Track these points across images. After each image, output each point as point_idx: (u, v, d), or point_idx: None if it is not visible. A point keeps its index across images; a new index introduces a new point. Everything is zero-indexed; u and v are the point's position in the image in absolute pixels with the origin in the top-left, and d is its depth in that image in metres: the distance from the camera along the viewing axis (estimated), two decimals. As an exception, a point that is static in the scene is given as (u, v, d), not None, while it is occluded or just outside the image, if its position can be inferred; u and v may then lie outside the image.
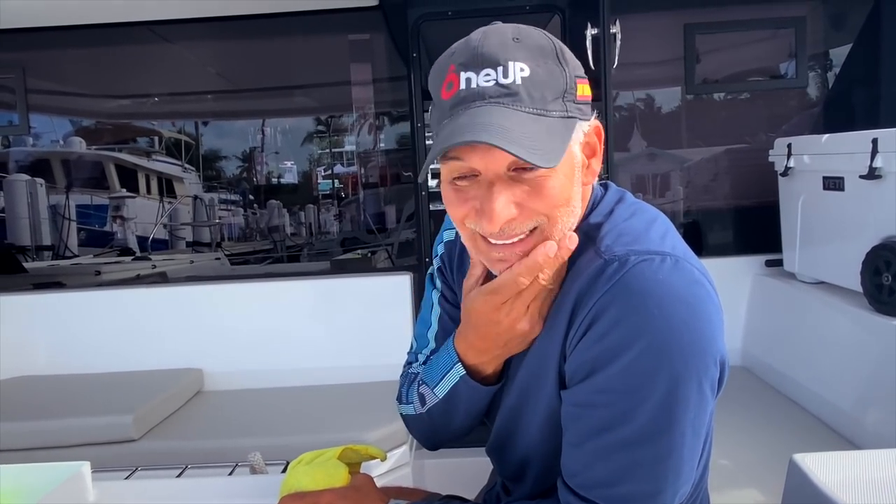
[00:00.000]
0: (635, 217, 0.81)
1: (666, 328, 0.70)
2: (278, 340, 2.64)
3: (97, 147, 7.57)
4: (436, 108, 0.76)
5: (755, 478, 1.68)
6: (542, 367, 0.83)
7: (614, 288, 0.72)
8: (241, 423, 2.24)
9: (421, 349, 1.06)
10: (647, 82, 3.21)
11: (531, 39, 0.75)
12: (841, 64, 3.03)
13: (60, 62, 3.49)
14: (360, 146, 4.79)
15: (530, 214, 0.75)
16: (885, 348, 1.90)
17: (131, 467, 2.04)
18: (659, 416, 0.71)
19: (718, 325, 0.74)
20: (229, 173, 6.36)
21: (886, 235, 1.96)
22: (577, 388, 0.76)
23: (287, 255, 5.95)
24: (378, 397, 2.39)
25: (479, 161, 0.73)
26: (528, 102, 0.72)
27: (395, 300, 2.65)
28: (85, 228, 7.70)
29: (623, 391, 0.72)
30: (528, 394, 0.87)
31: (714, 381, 0.74)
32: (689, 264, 0.74)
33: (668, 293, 0.71)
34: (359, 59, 3.45)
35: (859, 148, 2.00)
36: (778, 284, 2.55)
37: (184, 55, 3.53)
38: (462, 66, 0.73)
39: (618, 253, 0.74)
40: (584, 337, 0.74)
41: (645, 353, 0.70)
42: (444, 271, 1.04)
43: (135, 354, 2.62)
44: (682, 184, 3.22)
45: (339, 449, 0.99)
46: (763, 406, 2.25)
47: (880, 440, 1.83)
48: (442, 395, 0.91)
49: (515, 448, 0.94)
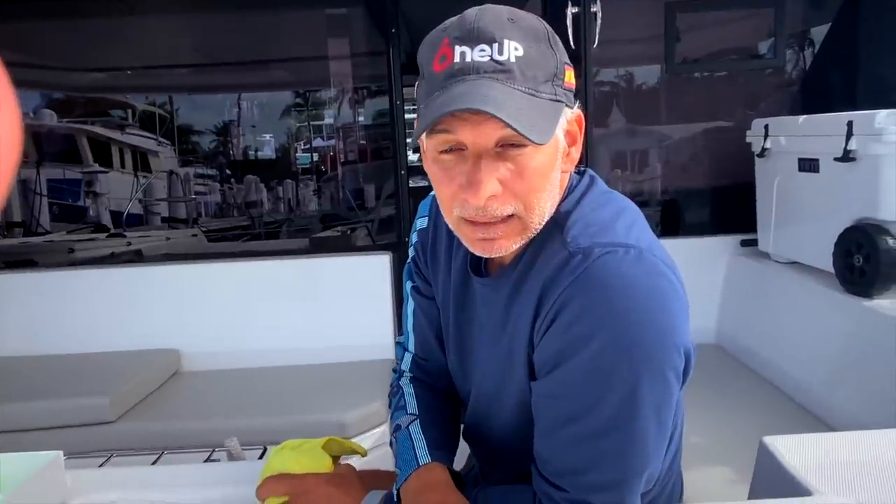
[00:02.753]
0: (603, 207, 0.82)
1: (628, 320, 0.70)
2: (256, 320, 2.63)
3: (69, 120, 7.38)
4: (426, 81, 0.76)
5: (726, 456, 1.72)
6: (512, 355, 0.84)
7: (578, 280, 0.73)
8: (219, 404, 2.23)
9: (406, 341, 1.09)
10: (625, 59, 3.20)
11: (525, 21, 0.75)
12: (820, 43, 3.05)
13: (31, 35, 3.38)
14: (339, 121, 4.73)
15: (510, 196, 0.75)
16: (854, 329, 1.94)
17: (107, 450, 2.03)
18: (623, 406, 0.72)
19: (682, 316, 0.75)
20: (205, 147, 6.24)
21: (858, 217, 1.99)
22: (545, 380, 0.78)
23: (265, 231, 5.88)
24: (357, 377, 2.40)
25: (468, 134, 0.73)
26: (521, 80, 0.72)
27: (375, 279, 2.64)
28: (57, 203, 7.53)
29: (589, 381, 0.73)
30: (499, 382, 0.88)
31: (679, 371, 0.75)
32: (652, 256, 0.75)
33: (630, 285, 0.72)
34: (337, 34, 3.39)
35: (834, 130, 2.02)
36: (752, 264, 2.58)
37: (158, 28, 3.44)
38: (457, 39, 0.73)
39: (582, 245, 0.75)
40: (550, 328, 0.75)
41: (608, 346, 0.71)
42: (417, 261, 1.04)
43: (110, 335, 2.58)
44: (660, 161, 3.24)
45: (323, 440, 0.99)
46: (735, 384, 2.29)
47: (848, 419, 1.88)
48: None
49: (490, 434, 0.95)
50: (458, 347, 0.98)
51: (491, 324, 0.88)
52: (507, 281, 0.84)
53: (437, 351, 1.05)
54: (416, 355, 1.08)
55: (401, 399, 1.04)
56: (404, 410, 1.00)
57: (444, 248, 0.98)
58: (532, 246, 0.82)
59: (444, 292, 0.99)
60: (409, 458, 0.90)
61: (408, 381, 1.07)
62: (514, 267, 0.84)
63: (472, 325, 0.94)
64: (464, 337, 0.97)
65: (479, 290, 0.91)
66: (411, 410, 1.00)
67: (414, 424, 0.96)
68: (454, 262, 0.96)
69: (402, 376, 1.09)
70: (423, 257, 1.03)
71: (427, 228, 1.02)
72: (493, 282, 0.88)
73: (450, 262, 0.97)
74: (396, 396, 1.06)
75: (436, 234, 1.00)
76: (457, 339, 0.98)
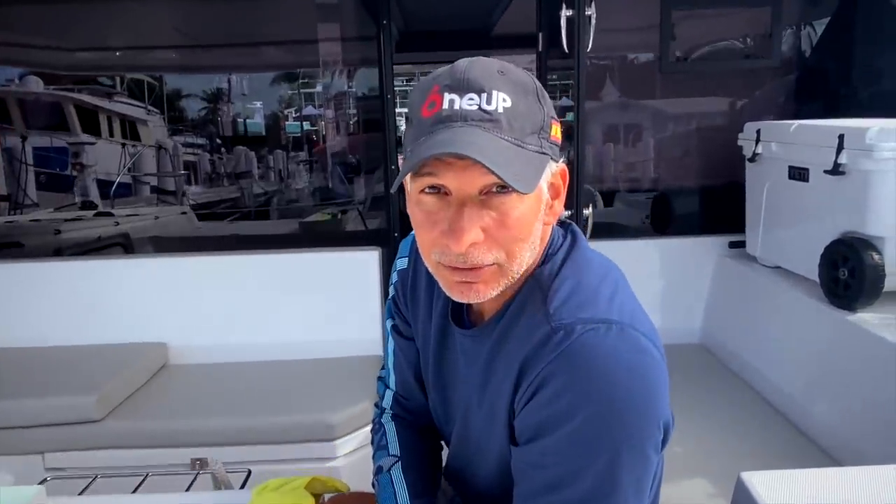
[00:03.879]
0: (586, 272, 0.82)
1: (609, 398, 0.71)
2: (244, 314, 2.62)
3: (55, 88, 7.23)
4: (413, 126, 0.75)
5: (706, 468, 1.75)
6: (493, 415, 0.84)
7: (560, 357, 0.73)
8: (207, 400, 2.24)
9: (387, 378, 1.11)
10: (617, 56, 3.17)
11: (514, 75, 0.75)
12: (816, 42, 3.02)
13: (20, 13, 3.31)
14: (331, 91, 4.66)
15: (492, 245, 0.75)
16: (836, 340, 1.97)
17: (94, 449, 2.04)
18: (603, 479, 0.73)
19: (663, 390, 0.76)
20: (194, 115, 6.16)
21: (845, 231, 2.00)
22: (526, 448, 0.78)
23: (255, 205, 5.85)
24: (345, 374, 2.42)
25: (452, 179, 0.72)
26: (508, 131, 0.72)
27: (363, 276, 2.64)
28: (44, 172, 7.41)
29: (569, 455, 0.73)
30: (481, 435, 0.88)
31: (658, 444, 0.76)
32: (634, 331, 0.75)
33: (611, 363, 0.72)
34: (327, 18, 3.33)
35: (825, 142, 2.02)
36: (739, 267, 2.60)
37: (149, 9, 3.38)
38: (447, 87, 0.73)
39: (565, 321, 0.75)
40: (531, 401, 0.76)
41: (589, 421, 0.71)
42: (397, 301, 1.04)
43: (96, 328, 2.57)
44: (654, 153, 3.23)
45: (306, 479, 1.00)
46: (717, 387, 2.33)
47: (826, 430, 1.91)
48: None
49: (473, 479, 0.95)
50: (439, 389, 0.98)
51: (471, 375, 0.89)
52: (488, 338, 0.84)
53: (417, 390, 1.05)
54: (396, 392, 1.09)
55: (382, 437, 1.05)
56: (386, 451, 1.01)
57: (423, 289, 0.98)
58: (514, 304, 0.82)
59: (423, 335, 0.99)
60: None
61: (389, 418, 1.07)
62: (496, 323, 0.84)
63: (453, 370, 0.94)
64: (444, 380, 0.97)
65: (460, 340, 0.91)
66: (393, 451, 1.00)
67: (395, 468, 0.97)
68: (434, 306, 0.96)
69: (383, 413, 1.10)
70: (402, 298, 1.03)
71: (407, 269, 1.02)
72: (473, 334, 0.88)
73: (430, 305, 0.97)
74: (378, 434, 1.06)
75: (416, 275, 1.00)
76: (437, 381, 0.98)
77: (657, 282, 2.78)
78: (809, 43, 3.06)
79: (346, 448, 2.11)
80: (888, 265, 1.88)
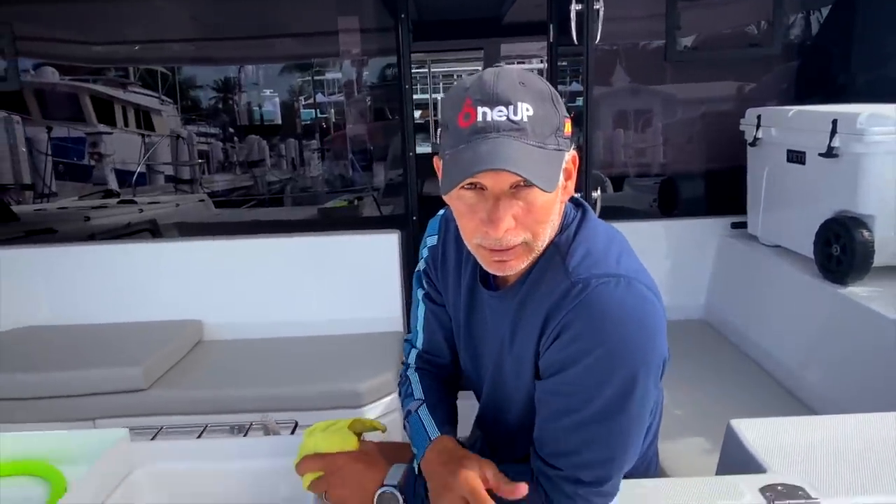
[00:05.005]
0: (596, 238, 0.98)
1: (618, 339, 0.88)
2: (273, 293, 2.79)
3: (71, 78, 7.38)
4: (451, 133, 0.91)
5: (703, 429, 1.89)
6: (521, 360, 1.01)
7: (579, 306, 0.90)
8: (243, 372, 2.42)
9: (414, 339, 1.27)
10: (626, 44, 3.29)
11: (534, 84, 0.90)
12: (818, 29, 3.13)
13: (39, 9, 3.45)
14: (345, 93, 4.79)
15: (521, 228, 0.91)
16: (829, 313, 2.11)
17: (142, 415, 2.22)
18: (612, 403, 0.89)
19: (662, 331, 0.93)
20: (207, 104, 6.28)
21: (838, 210, 2.14)
22: (549, 381, 0.95)
23: (269, 193, 5.98)
24: (369, 348, 2.59)
25: (489, 180, 0.88)
26: (532, 137, 0.87)
27: (384, 257, 2.80)
28: (63, 162, 7.57)
29: (584, 384, 0.90)
30: (510, 380, 1.05)
31: (657, 377, 0.94)
32: (638, 283, 0.92)
33: (620, 310, 0.89)
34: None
35: (820, 127, 2.14)
36: (740, 246, 2.73)
37: (165, 3, 3.52)
38: (479, 101, 0.88)
39: (581, 276, 0.92)
40: (555, 343, 0.93)
41: (602, 358, 0.88)
42: (429, 273, 1.21)
43: (134, 307, 2.75)
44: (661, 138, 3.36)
45: (348, 420, 1.16)
46: (718, 359, 2.47)
47: (820, 395, 2.06)
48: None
49: (501, 422, 1.12)
50: (470, 346, 1.15)
51: (500, 328, 1.05)
52: (514, 296, 1.01)
53: (445, 348, 1.23)
54: (421, 351, 1.26)
55: (408, 387, 1.21)
56: (412, 397, 1.18)
57: (453, 262, 1.15)
58: (536, 268, 0.98)
59: (454, 300, 1.16)
60: (423, 437, 1.08)
61: (413, 371, 1.25)
62: (521, 285, 1.00)
63: (481, 327, 1.11)
64: (474, 338, 1.13)
65: (488, 300, 1.07)
66: (418, 396, 1.17)
67: (422, 408, 1.13)
68: (463, 275, 1.13)
69: (408, 368, 1.26)
70: (434, 270, 1.20)
71: (437, 245, 1.19)
72: (500, 295, 1.04)
73: (459, 274, 1.14)
74: (405, 385, 1.23)
75: (445, 249, 1.17)
76: (467, 339, 1.14)
77: (664, 261, 2.92)
78: (811, 30, 3.17)
79: (372, 414, 2.28)
80: (877, 242, 2.02)
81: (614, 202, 3.34)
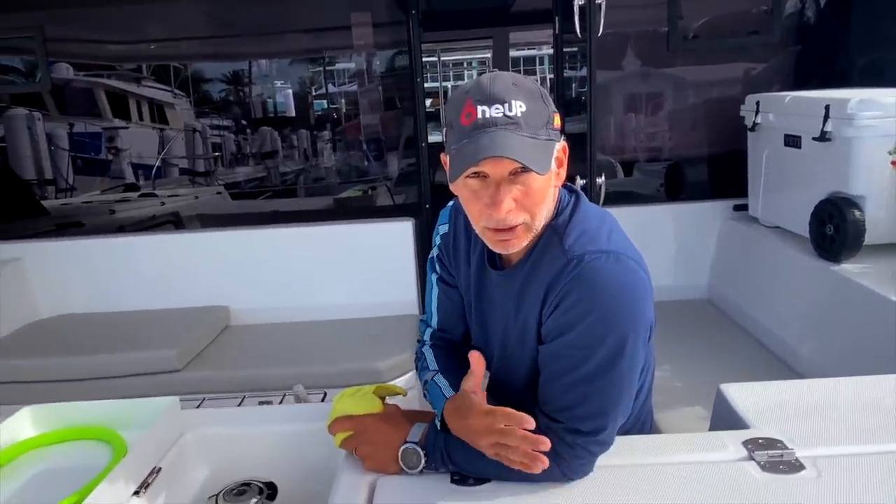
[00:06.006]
0: (589, 219, 1.12)
1: (610, 305, 1.02)
2: (295, 280, 2.94)
3: (85, 74, 7.54)
4: (455, 131, 1.04)
5: (701, 396, 2.00)
6: (526, 329, 1.15)
7: (575, 279, 1.03)
8: (270, 353, 2.57)
9: (429, 319, 1.40)
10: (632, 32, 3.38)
11: (525, 85, 1.04)
12: (815, 17, 3.21)
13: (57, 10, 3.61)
14: (359, 84, 4.89)
15: (521, 210, 1.05)
16: (823, 289, 2.22)
17: (178, 394, 2.38)
18: (605, 361, 1.03)
19: (648, 299, 1.06)
20: (219, 97, 6.40)
21: (832, 191, 2.24)
22: (550, 344, 1.09)
23: (283, 184, 6.10)
24: (387, 330, 2.73)
25: (490, 167, 1.02)
26: (526, 129, 1.00)
27: (399, 243, 2.94)
28: (81, 157, 7.72)
29: (581, 346, 1.04)
30: (517, 348, 1.18)
31: (645, 339, 1.07)
32: (626, 258, 1.05)
33: (611, 281, 1.02)
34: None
35: (814, 112, 2.24)
36: (742, 227, 2.84)
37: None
38: (478, 101, 1.01)
39: (577, 252, 1.05)
40: (555, 311, 1.07)
41: (595, 323, 1.02)
42: (442, 258, 1.35)
43: (164, 294, 2.92)
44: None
45: (373, 386, 1.30)
46: (720, 336, 2.59)
47: (813, 367, 2.17)
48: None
49: (509, 387, 1.25)
50: (480, 320, 1.28)
51: (506, 305, 1.18)
52: (518, 274, 1.14)
53: (457, 324, 1.36)
54: (436, 329, 1.39)
55: (423, 361, 1.35)
56: (427, 369, 1.32)
57: (463, 247, 1.29)
58: (536, 248, 1.12)
59: (465, 280, 1.30)
60: (440, 398, 1.22)
61: (428, 347, 1.38)
62: (524, 263, 1.14)
63: (489, 303, 1.24)
64: (483, 313, 1.27)
65: (495, 280, 1.21)
66: (433, 367, 1.31)
67: (437, 376, 1.27)
68: (472, 258, 1.26)
69: (424, 345, 1.40)
70: (446, 255, 1.34)
71: (448, 233, 1.33)
72: (506, 273, 1.18)
73: (468, 257, 1.28)
74: (421, 360, 1.37)
75: (456, 236, 1.31)
76: (478, 314, 1.28)
77: (668, 243, 3.03)
78: (811, 17, 3.24)
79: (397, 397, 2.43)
80: (868, 221, 2.12)
81: (625, 187, 3.45)
